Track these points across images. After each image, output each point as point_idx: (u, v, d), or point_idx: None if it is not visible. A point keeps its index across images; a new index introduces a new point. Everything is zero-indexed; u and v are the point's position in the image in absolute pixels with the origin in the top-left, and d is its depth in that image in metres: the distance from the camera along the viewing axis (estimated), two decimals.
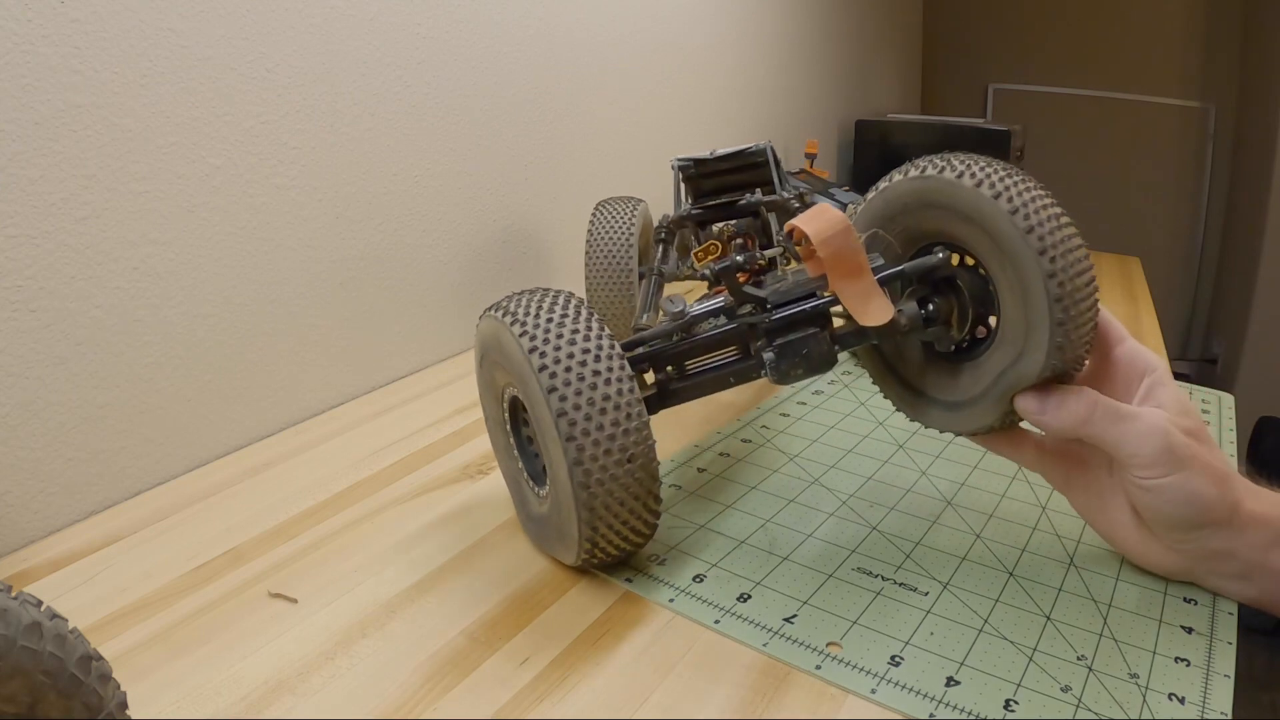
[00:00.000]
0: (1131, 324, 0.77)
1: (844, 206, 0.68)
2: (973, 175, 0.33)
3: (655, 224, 0.60)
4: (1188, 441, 0.33)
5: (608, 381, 0.33)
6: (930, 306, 0.37)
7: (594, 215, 0.60)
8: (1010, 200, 0.32)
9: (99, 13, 0.42)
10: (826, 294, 0.37)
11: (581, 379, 0.32)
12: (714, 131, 1.01)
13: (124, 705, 0.23)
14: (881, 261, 0.37)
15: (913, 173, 0.36)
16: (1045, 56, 1.81)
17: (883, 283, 0.36)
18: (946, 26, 1.86)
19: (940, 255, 0.36)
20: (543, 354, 0.33)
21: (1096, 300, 0.34)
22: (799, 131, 1.22)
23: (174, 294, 0.48)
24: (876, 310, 0.35)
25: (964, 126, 1.27)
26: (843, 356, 0.39)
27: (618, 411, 0.33)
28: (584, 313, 0.35)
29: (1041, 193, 0.33)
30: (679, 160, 0.55)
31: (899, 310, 0.36)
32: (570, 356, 0.33)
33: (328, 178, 0.56)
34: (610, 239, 0.58)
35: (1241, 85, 1.66)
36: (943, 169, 0.34)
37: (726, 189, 0.56)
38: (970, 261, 0.36)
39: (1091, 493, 0.37)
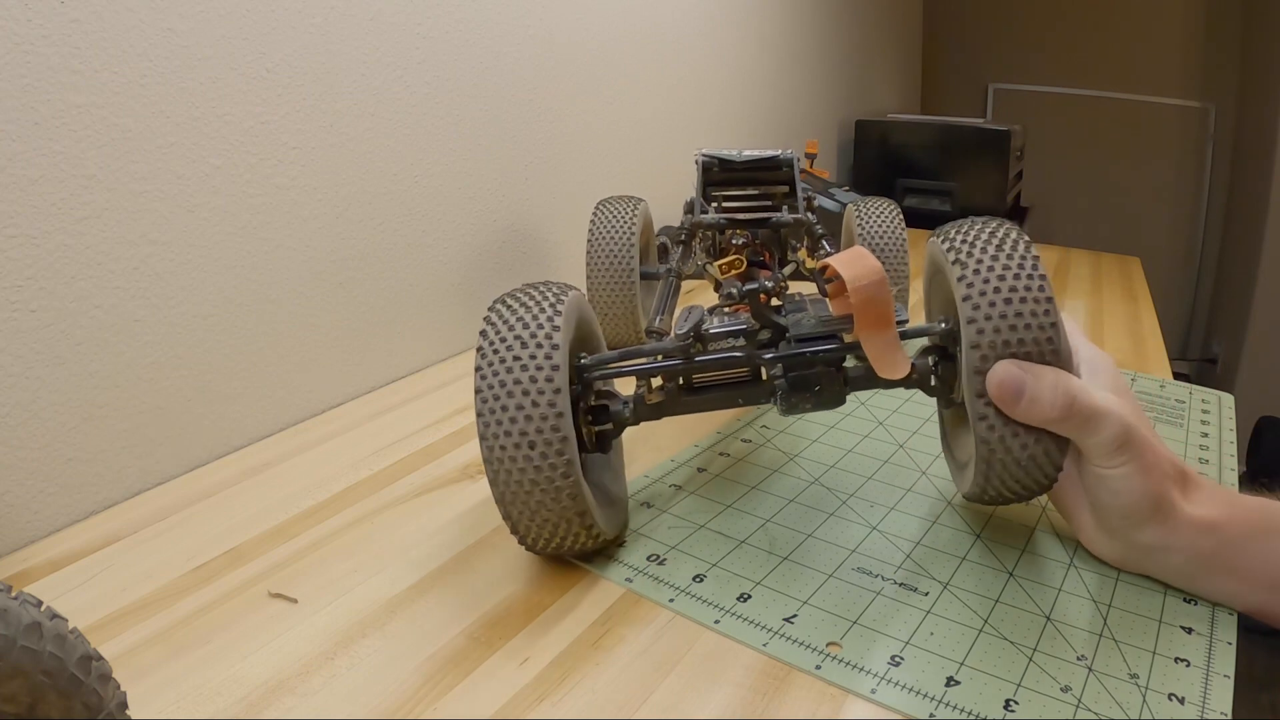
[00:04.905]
0: (1132, 324, 0.76)
1: (843, 206, 0.68)
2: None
3: (656, 225, 0.59)
4: (1145, 434, 0.33)
5: (525, 367, 0.33)
6: (939, 367, 0.38)
7: (595, 214, 0.60)
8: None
9: (99, 13, 0.42)
10: (849, 338, 0.37)
11: (505, 363, 0.33)
12: (714, 130, 1.01)
13: (124, 705, 0.23)
14: (906, 316, 0.37)
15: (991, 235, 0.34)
16: (1045, 56, 1.81)
17: (904, 337, 0.36)
18: (946, 26, 1.86)
19: (943, 326, 0.37)
20: (493, 345, 0.34)
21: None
22: (799, 131, 1.22)
23: (174, 294, 0.48)
24: (897, 364, 0.35)
25: (964, 126, 1.27)
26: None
27: (525, 397, 0.33)
28: (548, 302, 0.35)
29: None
30: (704, 155, 0.55)
31: (913, 363, 0.37)
32: (506, 344, 0.34)
33: (328, 178, 0.56)
34: (611, 238, 0.58)
35: (1241, 85, 1.66)
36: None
37: (738, 183, 0.56)
38: None
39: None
